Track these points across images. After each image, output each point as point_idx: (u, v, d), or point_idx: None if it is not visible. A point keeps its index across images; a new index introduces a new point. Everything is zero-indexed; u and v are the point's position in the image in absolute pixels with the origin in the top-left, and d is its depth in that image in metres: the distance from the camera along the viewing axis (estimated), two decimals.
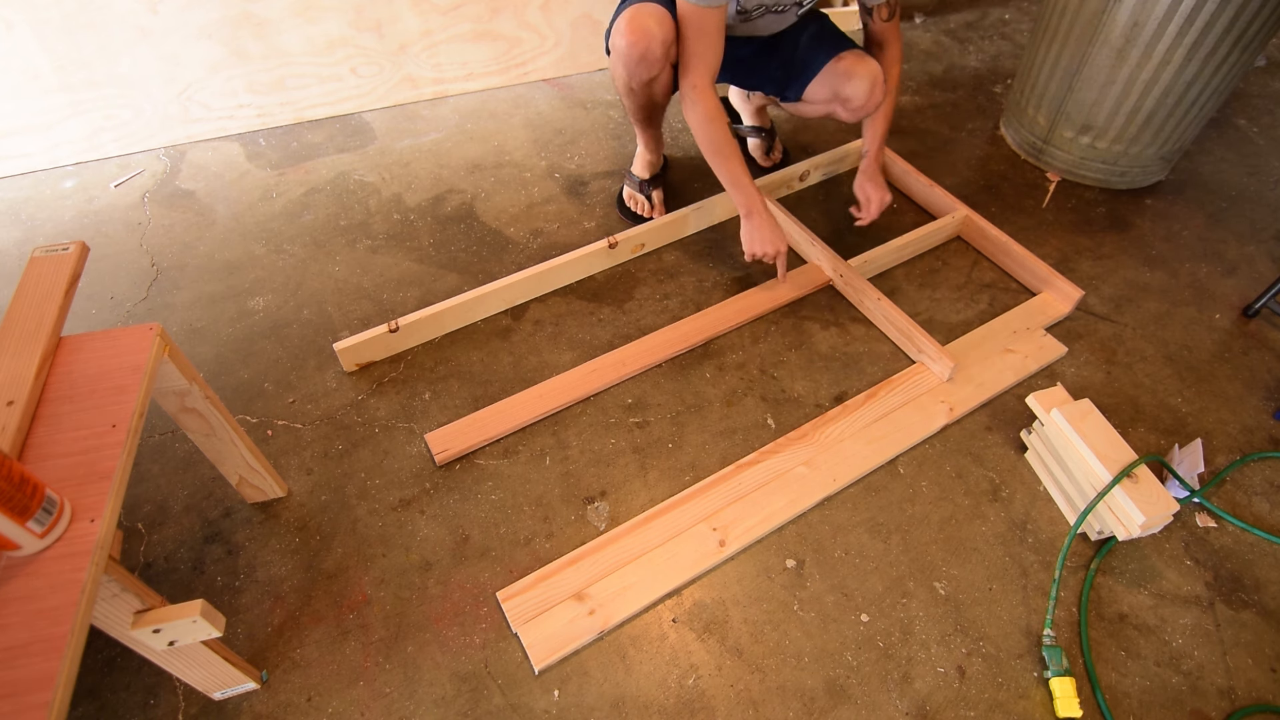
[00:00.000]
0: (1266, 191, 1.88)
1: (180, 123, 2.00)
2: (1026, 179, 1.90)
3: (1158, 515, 1.14)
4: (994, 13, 2.51)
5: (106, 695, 1.08)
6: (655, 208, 1.78)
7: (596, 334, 1.55)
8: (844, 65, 1.52)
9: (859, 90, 1.52)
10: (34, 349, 0.91)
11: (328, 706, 1.07)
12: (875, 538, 1.25)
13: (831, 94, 1.56)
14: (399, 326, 1.47)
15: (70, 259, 1.00)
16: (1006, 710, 1.07)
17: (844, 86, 1.53)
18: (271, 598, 1.18)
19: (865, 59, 1.53)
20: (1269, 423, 1.40)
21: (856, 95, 1.53)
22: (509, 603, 1.15)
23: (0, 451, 0.71)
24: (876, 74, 1.51)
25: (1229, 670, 1.11)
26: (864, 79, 1.51)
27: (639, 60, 1.41)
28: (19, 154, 1.92)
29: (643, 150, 1.78)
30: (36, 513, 0.73)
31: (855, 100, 1.54)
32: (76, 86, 1.88)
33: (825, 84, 1.56)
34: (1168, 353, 1.52)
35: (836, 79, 1.53)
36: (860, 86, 1.51)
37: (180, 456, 1.35)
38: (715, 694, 1.08)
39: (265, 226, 1.79)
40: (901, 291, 1.63)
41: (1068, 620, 1.16)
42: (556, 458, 1.35)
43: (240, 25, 1.91)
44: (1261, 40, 1.55)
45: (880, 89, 1.54)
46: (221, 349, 1.53)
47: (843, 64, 1.52)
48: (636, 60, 1.41)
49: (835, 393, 1.44)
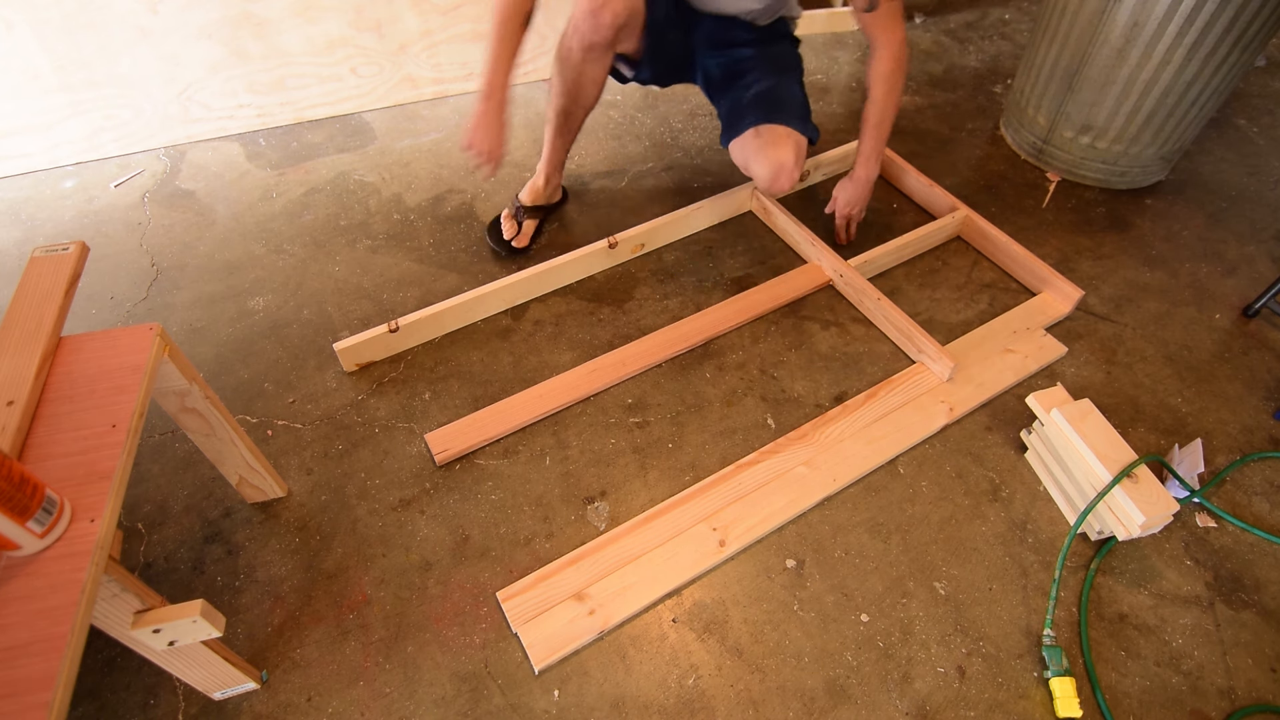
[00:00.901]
0: (1266, 191, 1.88)
1: (180, 123, 2.00)
2: (1026, 179, 1.90)
3: (1158, 515, 1.14)
4: (994, 13, 2.51)
5: (106, 695, 1.08)
6: (521, 235, 1.68)
7: (596, 334, 1.55)
8: (759, 141, 1.45)
9: (761, 174, 1.46)
10: (34, 349, 0.91)
11: (328, 706, 1.07)
12: (875, 538, 1.25)
13: (744, 163, 1.51)
14: (399, 326, 1.47)
15: (70, 259, 1.00)
16: (1006, 710, 1.07)
17: (751, 163, 1.48)
18: (271, 598, 1.18)
19: (782, 140, 1.45)
20: (1269, 423, 1.40)
21: (760, 177, 1.48)
22: (509, 603, 1.15)
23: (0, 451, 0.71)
24: (784, 162, 1.44)
25: (1229, 670, 1.11)
26: (768, 164, 1.44)
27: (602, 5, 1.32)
28: (19, 154, 1.92)
29: (539, 170, 1.69)
30: (36, 513, 0.73)
31: (760, 182, 1.49)
32: (76, 86, 1.88)
33: (740, 151, 1.50)
34: (1168, 353, 1.52)
35: (747, 152, 1.48)
36: (762, 170, 1.45)
37: (180, 456, 1.35)
38: (715, 694, 1.08)
39: (265, 226, 1.79)
40: (901, 291, 1.63)
41: (1068, 620, 1.16)
42: (556, 458, 1.35)
43: (240, 25, 1.91)
44: (1261, 40, 1.55)
45: (787, 176, 1.45)
46: (221, 349, 1.53)
47: (759, 139, 1.46)
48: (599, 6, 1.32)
49: (835, 393, 1.44)
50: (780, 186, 1.48)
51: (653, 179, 1.90)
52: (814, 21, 2.39)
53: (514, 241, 1.68)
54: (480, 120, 1.35)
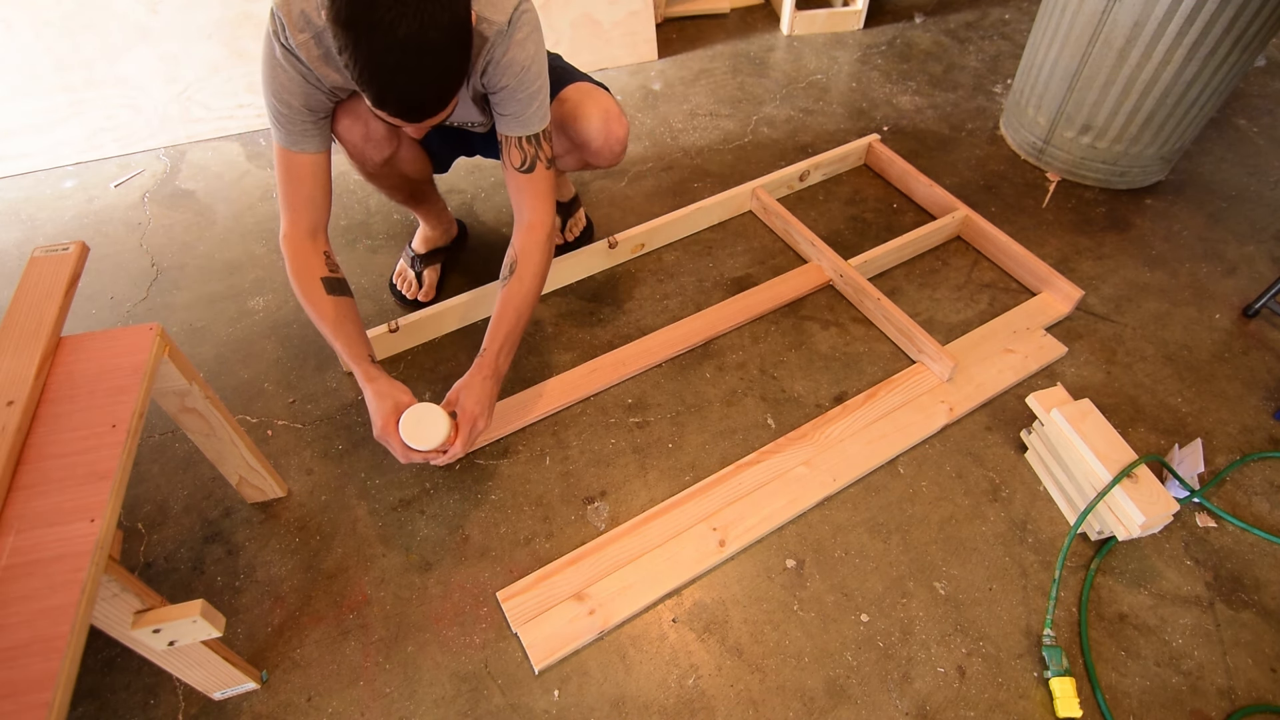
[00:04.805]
0: (1266, 191, 1.88)
1: (180, 123, 2.00)
2: (1026, 179, 1.90)
3: (1158, 515, 1.14)
4: (994, 13, 2.51)
5: (106, 695, 1.08)
6: (425, 289, 1.57)
7: (596, 334, 1.55)
8: (567, 105, 1.28)
9: (591, 128, 1.27)
10: (34, 349, 0.91)
11: (328, 706, 1.07)
12: (875, 538, 1.25)
13: (569, 143, 1.32)
14: (399, 326, 1.47)
15: (70, 259, 1.00)
16: (1006, 710, 1.07)
17: (570, 127, 1.28)
18: (271, 598, 1.18)
19: (596, 90, 1.30)
20: (1269, 423, 1.40)
21: (590, 134, 1.27)
22: (509, 603, 1.15)
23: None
24: (609, 106, 1.28)
25: (1229, 670, 1.11)
26: (594, 114, 1.26)
27: (363, 141, 1.21)
28: (19, 154, 1.92)
29: (421, 224, 1.58)
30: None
31: (592, 137, 1.28)
32: (76, 86, 1.88)
33: (558, 134, 1.31)
34: (1168, 353, 1.52)
35: (565, 124, 1.29)
36: (593, 123, 1.27)
37: (180, 456, 1.35)
38: (715, 694, 1.08)
39: (265, 226, 1.79)
40: (901, 291, 1.63)
41: (1068, 620, 1.16)
42: (556, 458, 1.35)
43: (240, 25, 1.91)
44: (1261, 40, 1.55)
45: (618, 122, 1.27)
46: (221, 349, 1.53)
47: (565, 104, 1.28)
48: (360, 143, 1.21)
49: (835, 393, 1.44)
50: (615, 133, 1.28)
51: (653, 179, 1.90)
52: (814, 21, 2.39)
53: (419, 297, 1.57)
54: (373, 410, 1.12)
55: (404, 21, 0.85)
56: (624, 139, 1.31)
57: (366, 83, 0.91)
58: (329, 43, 1.02)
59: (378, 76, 0.90)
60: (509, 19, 1.05)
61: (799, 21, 2.38)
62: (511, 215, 1.26)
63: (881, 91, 2.18)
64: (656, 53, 2.29)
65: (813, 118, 2.09)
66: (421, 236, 1.61)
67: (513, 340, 1.21)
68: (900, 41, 2.37)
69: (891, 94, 2.17)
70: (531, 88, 1.12)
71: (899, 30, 2.43)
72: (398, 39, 0.86)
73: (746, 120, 2.08)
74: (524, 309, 1.20)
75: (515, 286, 1.20)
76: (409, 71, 0.90)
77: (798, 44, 2.37)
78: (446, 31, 0.90)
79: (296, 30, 1.01)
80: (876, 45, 2.36)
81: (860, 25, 2.42)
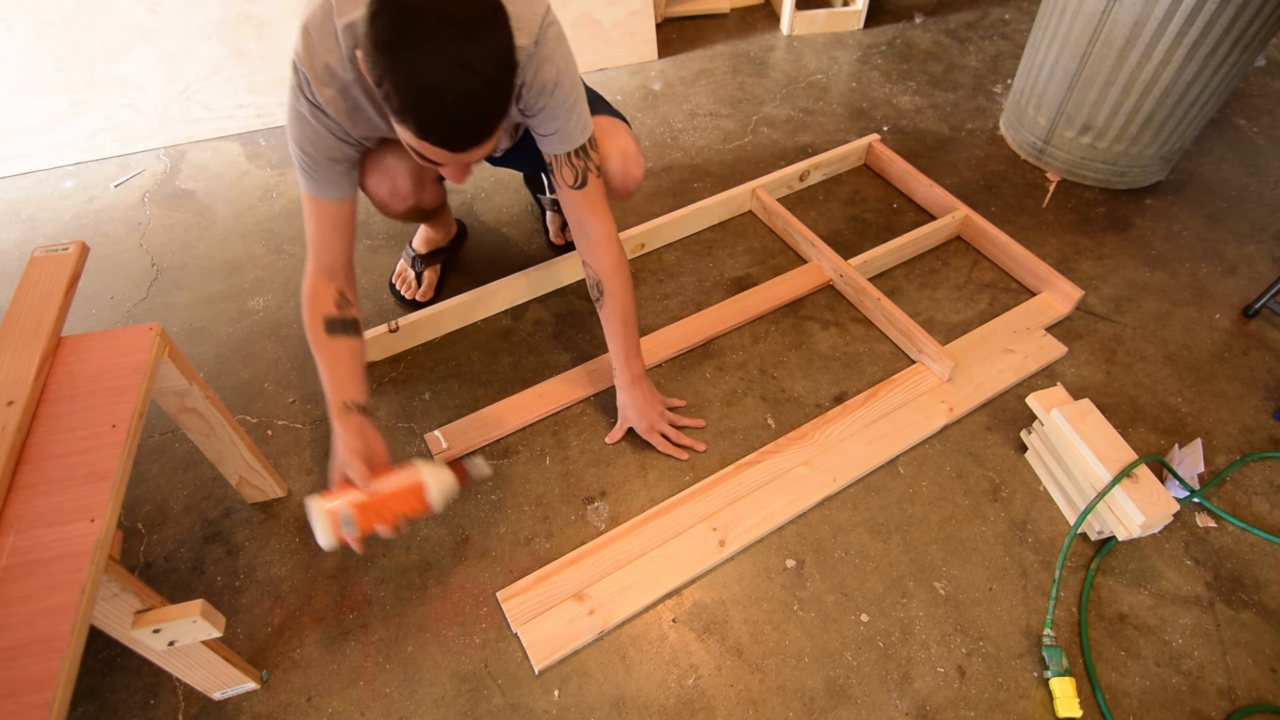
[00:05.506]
0: (1266, 191, 1.88)
1: (180, 123, 2.00)
2: (1026, 179, 1.90)
3: (1158, 515, 1.14)
4: (994, 13, 2.51)
5: (106, 695, 1.08)
6: (424, 289, 1.58)
7: (596, 334, 1.54)
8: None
9: (612, 167, 1.27)
10: (34, 349, 0.91)
11: (328, 706, 1.07)
12: (875, 538, 1.25)
13: None
14: (399, 326, 1.47)
15: (70, 259, 1.00)
16: (1006, 710, 1.07)
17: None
18: (271, 598, 1.18)
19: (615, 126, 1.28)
20: (1269, 423, 1.40)
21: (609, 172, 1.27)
22: (509, 603, 1.15)
23: None
24: (627, 148, 1.27)
25: (1229, 670, 1.11)
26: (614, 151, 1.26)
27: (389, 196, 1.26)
28: (19, 154, 1.92)
29: (422, 225, 1.59)
30: None
31: (613, 180, 1.28)
32: (76, 86, 1.88)
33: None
34: (1168, 353, 1.52)
35: None
36: (612, 164, 1.27)
37: (180, 456, 1.35)
38: (715, 694, 1.08)
39: (265, 226, 1.79)
40: (901, 291, 1.63)
41: (1068, 620, 1.16)
42: (556, 458, 1.35)
43: (240, 25, 1.91)
44: (1261, 40, 1.55)
45: (635, 162, 1.28)
46: (221, 349, 1.53)
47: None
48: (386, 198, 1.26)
49: (835, 393, 1.44)
50: (633, 175, 1.30)
51: (653, 179, 1.90)
52: (814, 21, 2.39)
53: (417, 297, 1.58)
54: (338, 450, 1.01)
55: (450, 45, 0.82)
56: (640, 179, 1.32)
57: (409, 110, 0.85)
58: (356, 95, 1.01)
59: (421, 102, 0.84)
60: (535, 39, 1.02)
61: (799, 21, 2.38)
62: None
63: (881, 91, 2.18)
64: (656, 53, 2.29)
65: (813, 118, 2.09)
66: (422, 236, 1.61)
67: (632, 345, 1.29)
68: (900, 41, 2.37)
69: (891, 94, 2.17)
70: (568, 101, 1.10)
71: (899, 30, 2.43)
72: (443, 61, 0.82)
73: (746, 120, 2.08)
74: (629, 315, 1.27)
75: (612, 304, 1.25)
76: (456, 94, 0.84)
77: (798, 44, 2.37)
78: (493, 53, 0.86)
79: (322, 85, 0.99)
80: (876, 45, 2.36)
81: (860, 25, 2.42)
